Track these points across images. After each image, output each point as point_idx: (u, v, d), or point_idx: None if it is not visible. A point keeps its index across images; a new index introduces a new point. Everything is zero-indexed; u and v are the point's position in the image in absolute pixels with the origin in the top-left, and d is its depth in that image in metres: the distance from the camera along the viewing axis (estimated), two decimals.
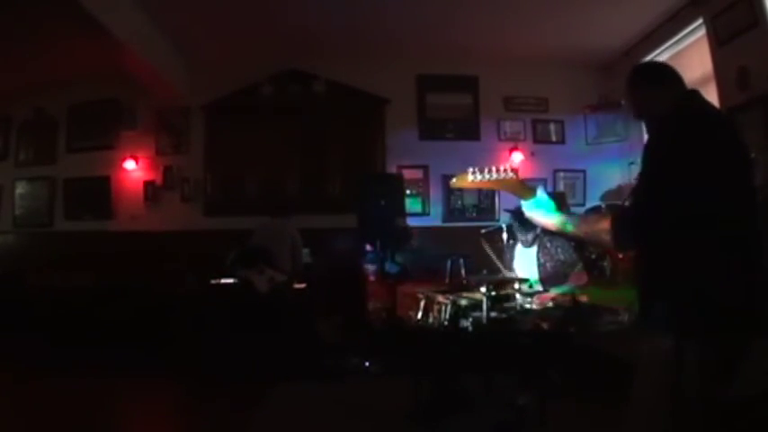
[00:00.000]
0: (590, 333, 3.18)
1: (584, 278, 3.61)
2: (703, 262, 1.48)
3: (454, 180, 1.78)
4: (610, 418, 1.66)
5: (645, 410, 1.53)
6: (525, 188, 1.77)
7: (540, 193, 1.77)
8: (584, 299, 3.18)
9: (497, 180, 1.69)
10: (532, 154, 6.41)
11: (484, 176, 1.68)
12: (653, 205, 1.52)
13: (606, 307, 3.05)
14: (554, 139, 6.55)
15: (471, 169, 1.69)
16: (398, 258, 5.40)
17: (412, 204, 6.28)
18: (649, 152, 1.57)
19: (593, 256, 3.36)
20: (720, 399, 1.51)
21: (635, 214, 1.58)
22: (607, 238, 1.59)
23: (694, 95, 1.72)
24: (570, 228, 1.76)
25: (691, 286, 1.48)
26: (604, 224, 1.61)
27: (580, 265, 3.72)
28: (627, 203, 1.63)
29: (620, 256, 2.73)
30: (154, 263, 5.73)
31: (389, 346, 4.43)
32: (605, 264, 3.18)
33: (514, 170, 1.74)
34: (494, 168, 1.68)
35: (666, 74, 1.78)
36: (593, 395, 3.15)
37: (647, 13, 5.10)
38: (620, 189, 6.12)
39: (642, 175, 1.58)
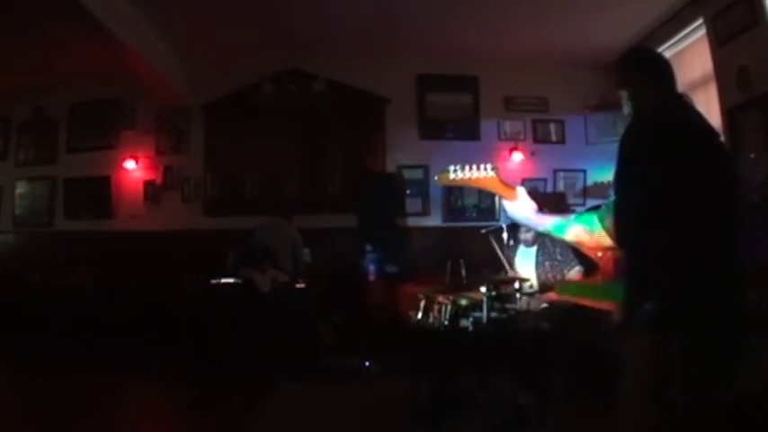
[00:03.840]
0: (590, 332, 3.18)
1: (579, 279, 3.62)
2: (686, 259, 1.49)
3: (437, 177, 1.83)
4: (610, 417, 1.66)
5: (630, 407, 1.53)
6: (506, 187, 1.78)
7: (522, 194, 1.77)
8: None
9: (477, 178, 1.72)
10: (533, 154, 6.41)
11: (465, 174, 1.71)
12: (630, 203, 1.53)
13: (605, 307, 3.05)
14: (554, 138, 6.54)
15: (453, 167, 1.72)
16: (398, 258, 5.41)
17: (412, 204, 6.27)
18: (626, 148, 1.57)
19: (600, 254, 3.34)
20: (716, 397, 1.51)
21: (615, 214, 1.57)
22: (603, 238, 1.60)
23: (680, 97, 1.74)
24: (558, 230, 1.76)
25: (673, 283, 1.49)
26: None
27: (577, 267, 3.74)
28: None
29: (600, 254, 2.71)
30: (154, 263, 5.73)
31: (389, 346, 4.43)
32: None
33: (495, 169, 1.75)
34: (474, 167, 1.71)
35: (665, 69, 1.76)
36: (593, 394, 3.15)
37: (648, 13, 5.09)
38: (596, 185, 6.16)
39: (619, 172, 1.58)
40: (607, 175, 6.16)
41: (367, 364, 4.52)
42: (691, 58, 4.97)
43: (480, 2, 5.03)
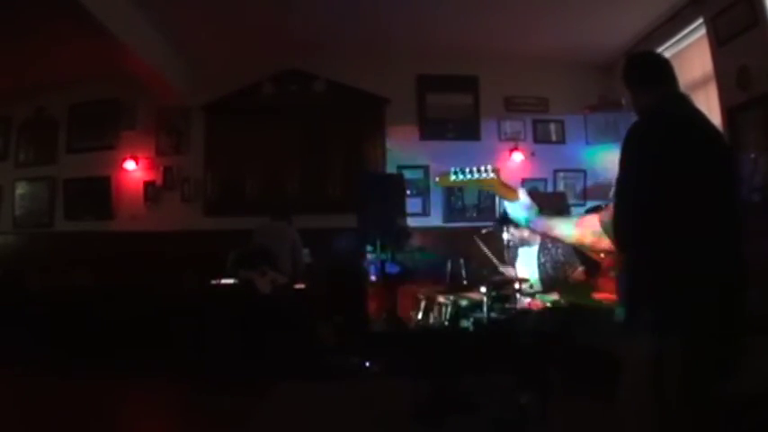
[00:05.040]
0: (590, 333, 3.18)
1: (582, 279, 3.63)
2: (686, 261, 1.48)
3: (437, 179, 1.84)
4: (610, 418, 1.66)
5: (631, 408, 1.53)
6: (507, 188, 1.78)
7: (523, 195, 1.77)
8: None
9: (478, 180, 1.73)
10: (533, 154, 6.41)
11: (465, 176, 1.72)
12: (630, 206, 1.53)
13: (604, 307, 3.06)
14: (554, 138, 6.55)
15: (453, 169, 1.73)
16: (399, 259, 5.40)
17: (412, 204, 6.27)
18: (626, 151, 1.57)
19: (603, 255, 3.35)
20: (715, 398, 1.51)
21: (615, 217, 1.57)
22: (605, 240, 1.60)
23: (678, 98, 1.72)
24: (560, 231, 1.76)
25: (674, 285, 1.48)
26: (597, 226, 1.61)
27: (580, 268, 3.74)
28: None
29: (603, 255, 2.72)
30: (154, 263, 5.73)
31: (389, 346, 4.43)
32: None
33: (496, 170, 1.75)
34: (474, 168, 1.72)
35: (655, 73, 1.76)
36: (594, 395, 3.15)
37: (648, 12, 5.10)
38: (596, 185, 6.18)
39: (620, 174, 1.58)
40: (607, 176, 6.18)
41: (367, 364, 4.51)
42: (691, 58, 4.97)
43: (481, 2, 5.03)
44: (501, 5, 5.08)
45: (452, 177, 1.73)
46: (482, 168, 1.72)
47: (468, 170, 1.72)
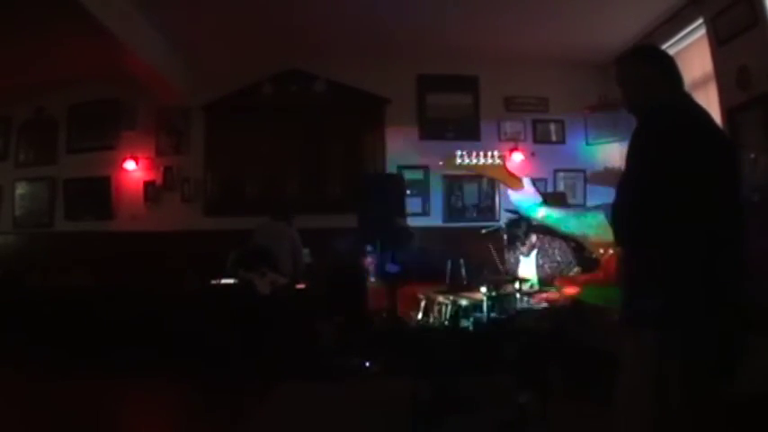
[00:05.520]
0: (590, 332, 3.18)
1: (579, 277, 3.65)
2: (686, 259, 1.48)
3: (442, 162, 1.82)
4: (610, 417, 1.66)
5: (630, 406, 1.53)
6: (512, 177, 1.78)
7: (527, 184, 1.77)
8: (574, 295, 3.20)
9: (484, 165, 1.73)
10: (533, 154, 6.41)
11: (471, 161, 1.71)
12: (633, 202, 1.52)
13: (604, 305, 3.06)
14: (554, 139, 6.55)
15: (459, 152, 1.72)
16: (399, 258, 5.40)
17: (412, 204, 6.27)
18: (632, 147, 1.56)
19: (594, 256, 3.36)
20: (716, 396, 1.51)
21: (616, 211, 1.57)
22: (607, 234, 1.59)
23: (686, 97, 1.72)
24: (562, 223, 1.76)
25: (674, 282, 1.48)
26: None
27: (576, 268, 3.77)
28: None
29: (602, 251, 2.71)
30: (154, 263, 5.73)
31: (389, 346, 4.43)
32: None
33: (502, 157, 1.76)
34: (482, 153, 1.72)
35: (670, 63, 1.75)
36: (593, 394, 3.15)
37: (648, 12, 5.09)
38: (606, 171, 6.15)
39: (626, 170, 1.57)
40: (607, 176, 6.18)
41: (367, 364, 4.51)
42: (691, 58, 4.96)
43: (480, 2, 5.03)
44: (501, 5, 5.07)
45: (458, 161, 1.72)
46: (489, 154, 1.72)
47: (474, 154, 1.72)
